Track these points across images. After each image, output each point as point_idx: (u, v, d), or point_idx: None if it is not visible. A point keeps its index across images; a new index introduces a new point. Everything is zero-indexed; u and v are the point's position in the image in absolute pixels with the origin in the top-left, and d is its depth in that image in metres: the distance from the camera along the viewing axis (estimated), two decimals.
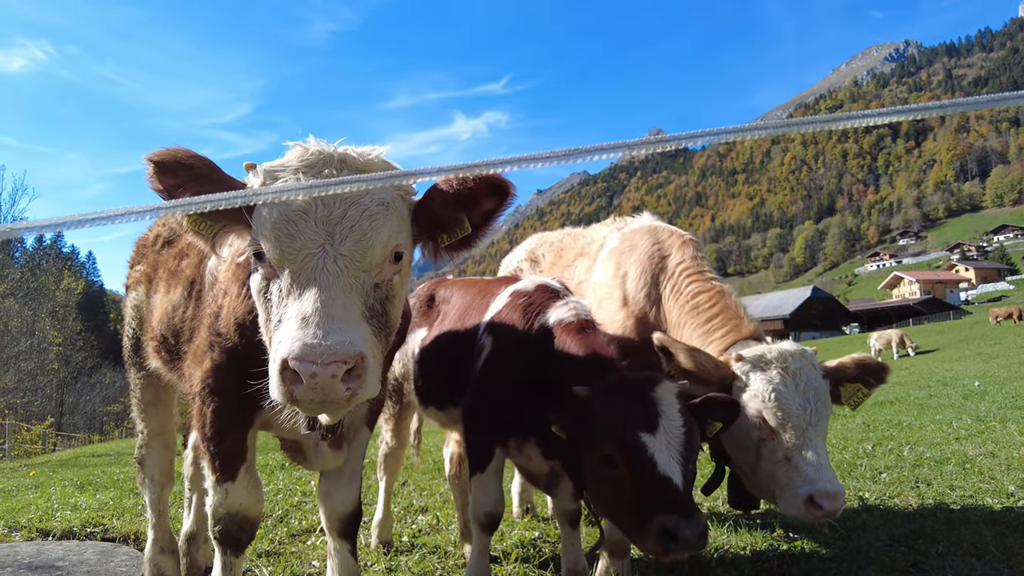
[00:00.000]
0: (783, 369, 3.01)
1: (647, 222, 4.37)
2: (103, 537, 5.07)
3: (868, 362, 3.21)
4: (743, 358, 3.11)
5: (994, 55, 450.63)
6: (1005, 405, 10.58)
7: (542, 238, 5.70)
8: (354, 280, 2.01)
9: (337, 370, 1.78)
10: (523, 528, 4.92)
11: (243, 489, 2.77)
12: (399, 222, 2.17)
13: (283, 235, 2.00)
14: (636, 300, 3.86)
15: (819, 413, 2.98)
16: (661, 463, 2.45)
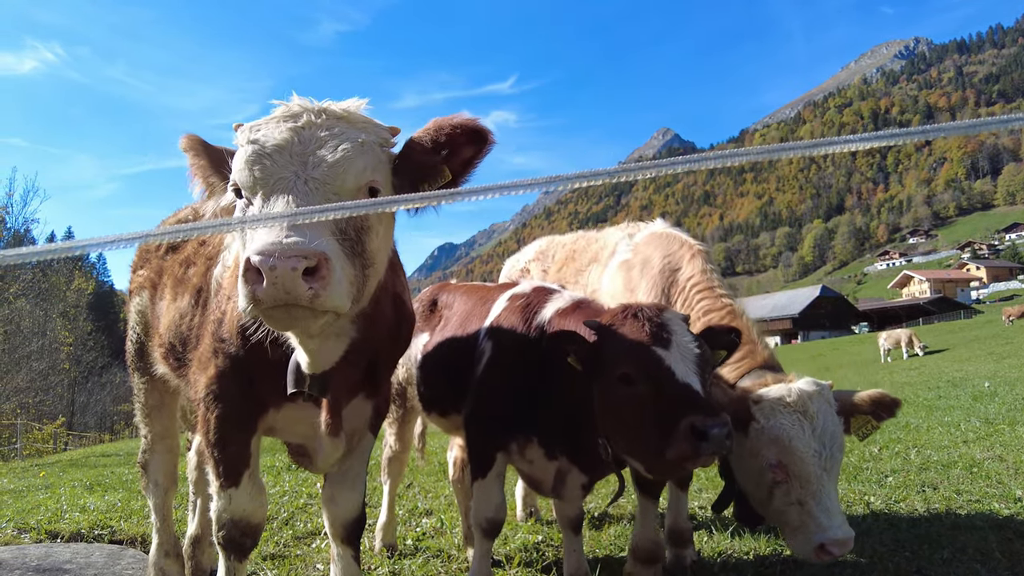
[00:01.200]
0: (802, 414, 2.98)
1: (659, 229, 4.30)
2: (110, 539, 5.11)
3: (882, 399, 3.19)
4: (762, 400, 3.06)
5: (1006, 51, 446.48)
6: (1015, 407, 10.48)
7: (552, 240, 5.61)
8: (323, 199, 2.04)
9: (297, 263, 1.79)
10: (526, 532, 4.92)
11: (246, 495, 2.79)
12: (374, 160, 2.21)
13: (257, 165, 2.08)
14: None
15: (834, 458, 2.98)
16: (680, 372, 2.53)
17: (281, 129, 2.14)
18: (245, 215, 2.13)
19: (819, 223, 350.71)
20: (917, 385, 17.67)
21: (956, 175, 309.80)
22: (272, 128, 2.15)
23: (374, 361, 2.85)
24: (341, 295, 1.95)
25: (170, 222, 3.95)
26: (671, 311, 2.81)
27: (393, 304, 3.00)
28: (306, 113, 2.19)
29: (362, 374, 2.84)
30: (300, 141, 2.11)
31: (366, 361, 2.77)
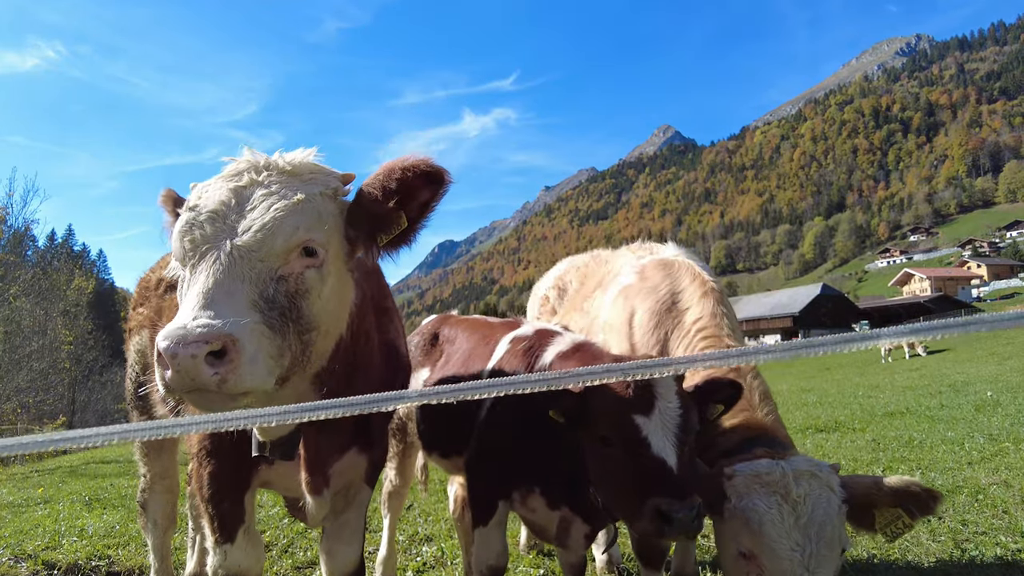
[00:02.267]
0: (782, 496, 2.47)
1: (670, 255, 3.87)
2: (107, 572, 5.07)
3: (913, 488, 2.56)
4: (736, 475, 2.61)
5: (1008, 48, 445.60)
6: (1019, 421, 10.42)
7: (571, 262, 5.33)
8: (247, 269, 1.94)
9: (197, 350, 1.70)
10: (528, 565, 4.88)
11: (241, 551, 2.74)
12: (311, 217, 2.09)
13: (187, 236, 2.01)
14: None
15: (822, 556, 2.43)
16: (656, 444, 2.46)
17: (221, 191, 2.07)
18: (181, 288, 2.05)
19: (820, 220, 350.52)
20: (919, 389, 17.62)
21: (957, 172, 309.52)
22: (213, 191, 2.08)
23: (364, 415, 2.80)
24: (256, 375, 1.84)
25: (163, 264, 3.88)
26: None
27: (385, 354, 2.95)
28: (249, 171, 2.12)
29: (351, 429, 2.80)
30: (237, 203, 2.04)
31: (353, 417, 2.72)
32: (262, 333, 1.89)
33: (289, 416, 1.34)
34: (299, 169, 2.17)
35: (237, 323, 1.80)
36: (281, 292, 1.99)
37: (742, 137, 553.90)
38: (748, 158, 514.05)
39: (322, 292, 2.12)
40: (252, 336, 1.83)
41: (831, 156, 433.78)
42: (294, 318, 2.01)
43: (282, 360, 1.97)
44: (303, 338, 2.06)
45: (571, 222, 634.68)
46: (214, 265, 1.92)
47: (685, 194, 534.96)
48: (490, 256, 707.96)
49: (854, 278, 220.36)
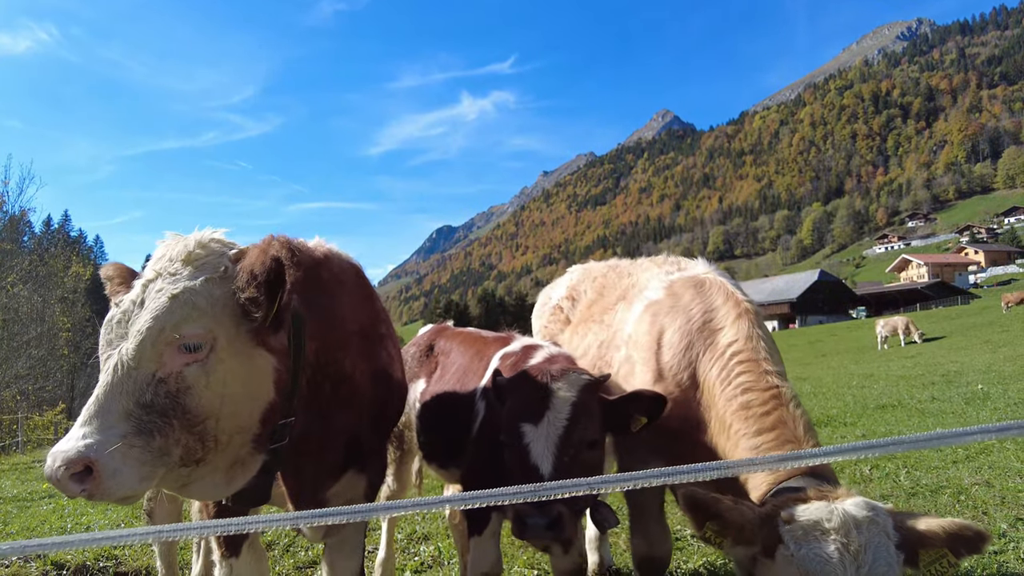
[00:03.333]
0: (843, 545, 2.36)
1: (701, 272, 3.65)
2: (115, 572, 5.23)
3: (963, 532, 2.44)
4: (795, 520, 2.47)
5: (1009, 33, 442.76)
6: (1007, 415, 10.62)
7: (585, 271, 5.11)
8: (127, 380, 2.08)
9: (61, 474, 1.92)
10: (523, 566, 5.04)
11: (246, 565, 2.90)
12: (187, 312, 2.16)
13: (103, 338, 2.20)
14: (676, 378, 3.23)
15: None
16: (534, 454, 2.68)
17: (136, 287, 2.25)
18: None
19: (818, 206, 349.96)
20: (912, 379, 17.82)
21: (956, 158, 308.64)
22: (136, 283, 2.27)
23: (355, 441, 2.93)
24: (122, 484, 1.99)
25: None
26: (573, 376, 2.89)
27: (376, 380, 3.06)
28: (160, 261, 2.27)
29: (343, 453, 2.94)
30: (141, 302, 2.18)
31: (341, 445, 2.86)
32: (130, 444, 2.02)
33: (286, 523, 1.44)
34: (193, 255, 2.28)
35: (100, 444, 1.98)
36: (161, 394, 2.10)
37: (741, 122, 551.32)
38: (747, 143, 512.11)
39: (209, 383, 2.18)
40: (113, 454, 1.98)
41: (830, 141, 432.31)
42: (179, 416, 2.12)
43: (166, 458, 2.11)
44: (194, 429, 2.16)
45: (569, 207, 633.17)
46: (104, 376, 2.11)
47: (683, 179, 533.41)
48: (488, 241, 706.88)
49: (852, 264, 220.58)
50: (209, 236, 2.35)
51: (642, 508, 3.45)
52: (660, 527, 3.45)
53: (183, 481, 2.23)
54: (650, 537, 3.42)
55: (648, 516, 3.44)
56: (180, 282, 2.18)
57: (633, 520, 3.50)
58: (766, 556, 2.47)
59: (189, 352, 2.14)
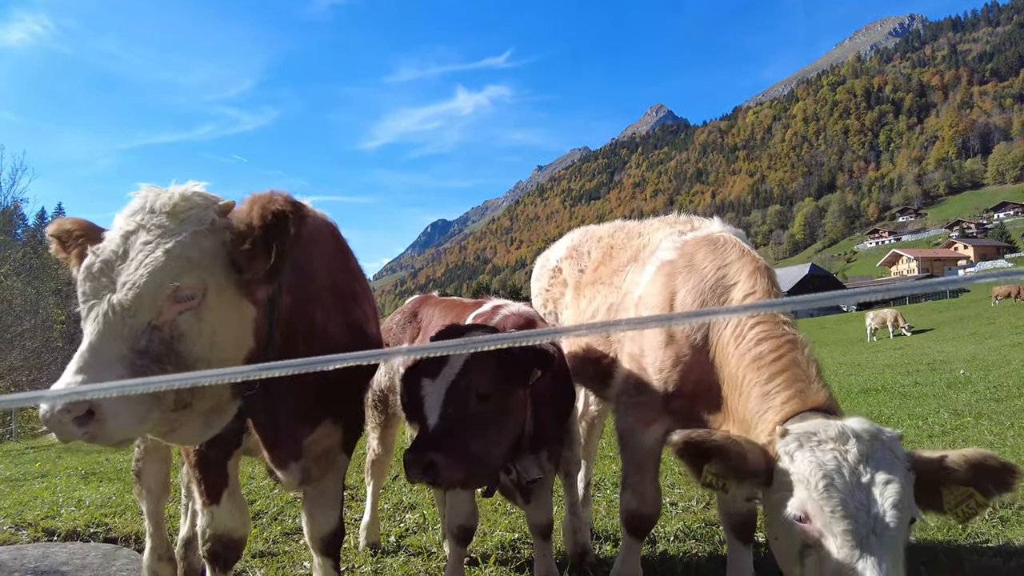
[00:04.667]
0: (841, 453, 2.22)
1: (716, 231, 3.51)
2: (105, 538, 5.33)
3: (987, 462, 2.24)
4: (788, 433, 2.36)
5: (1000, 29, 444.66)
6: (985, 396, 10.82)
7: (587, 232, 4.94)
8: (121, 326, 2.13)
9: (63, 417, 1.96)
10: (504, 529, 5.17)
11: (227, 512, 3.00)
12: (183, 263, 2.22)
13: (83, 287, 2.21)
14: (689, 339, 3.13)
15: (889, 518, 2.10)
16: (427, 405, 2.90)
17: (115, 238, 2.25)
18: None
19: (810, 201, 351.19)
20: (897, 368, 18.03)
21: (947, 154, 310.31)
22: (112, 235, 2.28)
23: (329, 392, 3.03)
24: (122, 427, 2.08)
25: None
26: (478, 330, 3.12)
27: (351, 335, 3.16)
28: (140, 212, 2.29)
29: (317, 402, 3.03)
30: (124, 251, 2.22)
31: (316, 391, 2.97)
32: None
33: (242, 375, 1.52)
34: (178, 208, 2.31)
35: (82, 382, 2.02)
36: (155, 341, 2.17)
37: (734, 117, 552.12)
38: (740, 138, 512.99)
39: (201, 330, 2.27)
40: (113, 397, 2.04)
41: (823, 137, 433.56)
42: (173, 361, 2.19)
43: (161, 402, 2.20)
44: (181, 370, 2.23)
45: (563, 202, 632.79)
46: (95, 324, 2.13)
47: (677, 174, 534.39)
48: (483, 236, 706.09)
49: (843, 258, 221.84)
50: (192, 190, 2.40)
51: (638, 465, 3.46)
52: (653, 486, 3.47)
53: (170, 426, 2.32)
54: (642, 495, 3.44)
55: (642, 474, 3.44)
56: (170, 236, 2.23)
57: (627, 476, 3.51)
58: (767, 485, 2.38)
59: (183, 301, 2.23)
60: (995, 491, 2.22)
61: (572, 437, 4.25)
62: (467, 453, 2.87)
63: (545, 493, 3.76)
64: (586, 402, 5.27)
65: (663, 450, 3.46)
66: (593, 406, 5.27)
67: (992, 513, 4.89)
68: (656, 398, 3.22)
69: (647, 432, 3.34)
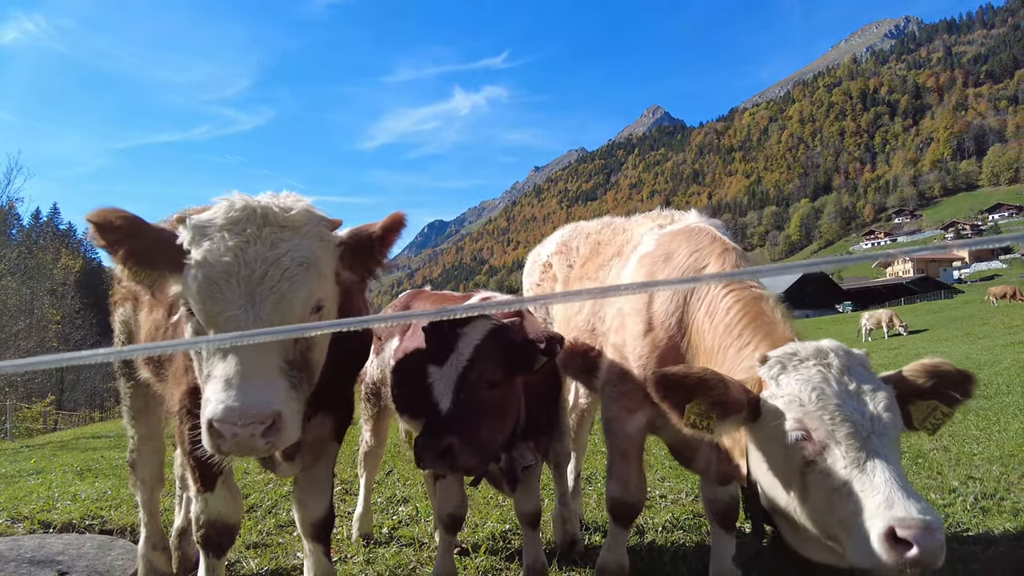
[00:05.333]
0: (824, 366, 2.28)
1: (692, 222, 3.63)
2: (101, 529, 5.37)
3: (943, 369, 2.36)
4: (768, 358, 2.39)
5: (995, 32, 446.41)
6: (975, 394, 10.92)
7: (576, 228, 5.07)
8: (273, 341, 2.18)
9: (255, 430, 2.05)
10: (495, 521, 5.23)
11: (221, 499, 3.07)
12: (319, 279, 2.34)
13: (207, 297, 2.20)
14: (665, 327, 3.20)
15: (884, 419, 2.17)
16: (436, 392, 2.93)
17: (226, 248, 2.22)
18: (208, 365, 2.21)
19: (806, 202, 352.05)
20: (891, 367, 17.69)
21: (942, 155, 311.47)
22: (218, 243, 2.23)
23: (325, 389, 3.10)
24: (294, 433, 2.20)
25: None
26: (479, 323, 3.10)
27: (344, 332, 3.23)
28: (248, 223, 2.28)
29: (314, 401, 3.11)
30: (246, 263, 2.21)
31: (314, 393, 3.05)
32: (293, 398, 2.23)
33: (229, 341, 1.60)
34: (296, 221, 2.36)
35: (278, 398, 2.14)
36: (298, 353, 2.30)
37: (731, 118, 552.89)
38: (736, 139, 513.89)
39: (323, 342, 2.43)
40: (290, 406, 2.19)
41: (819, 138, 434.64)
42: (308, 370, 2.34)
43: (303, 407, 2.33)
44: (311, 380, 2.41)
45: (560, 203, 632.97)
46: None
47: (673, 175, 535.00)
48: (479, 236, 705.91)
49: None
50: (302, 203, 2.47)
51: (622, 454, 3.53)
52: (638, 474, 3.53)
53: None
54: (626, 483, 3.50)
55: (627, 463, 3.51)
56: (301, 250, 2.30)
57: (612, 464, 3.58)
58: (755, 417, 2.39)
59: (316, 312, 2.35)
60: (958, 398, 2.36)
61: (562, 429, 4.32)
62: (479, 438, 2.96)
63: (533, 482, 3.82)
64: (576, 395, 5.35)
65: (647, 439, 3.57)
66: (583, 399, 5.35)
67: (974, 504, 4.99)
68: (638, 386, 3.30)
69: (631, 420, 3.41)
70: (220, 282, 2.19)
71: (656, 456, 7.08)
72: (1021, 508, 4.88)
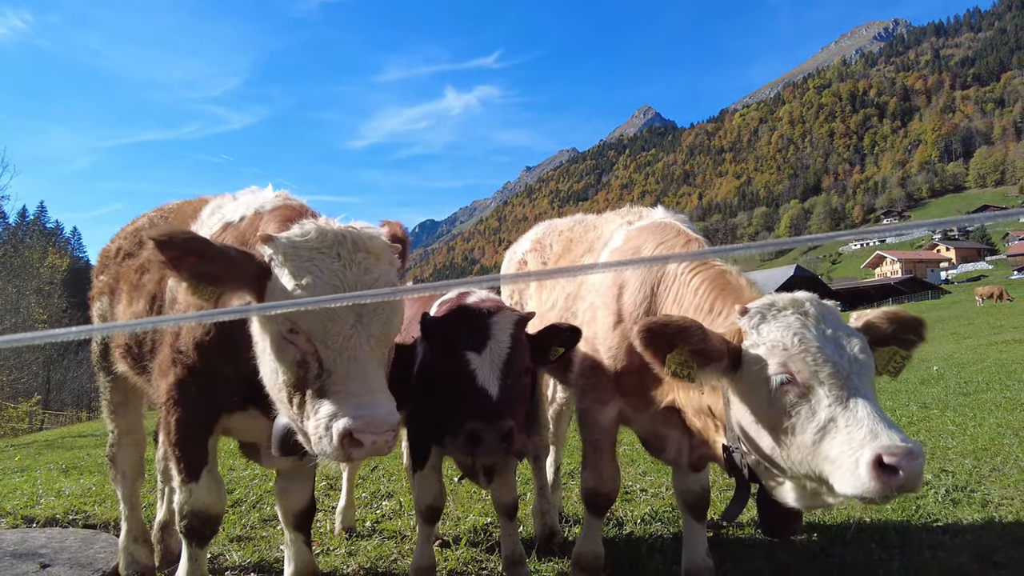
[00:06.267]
0: (801, 314, 2.42)
1: (658, 218, 3.74)
2: (84, 524, 5.40)
3: (901, 316, 2.54)
4: (748, 310, 2.53)
5: (982, 35, 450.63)
6: (954, 391, 11.09)
7: (551, 226, 5.20)
8: (380, 356, 2.42)
9: (391, 437, 2.23)
10: (477, 514, 5.30)
11: (205, 489, 3.10)
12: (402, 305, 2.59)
13: (326, 317, 2.31)
14: (633, 317, 3.27)
15: (860, 361, 2.32)
16: (481, 377, 2.93)
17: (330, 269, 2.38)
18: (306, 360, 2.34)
19: (796, 203, 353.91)
20: None
21: (930, 157, 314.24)
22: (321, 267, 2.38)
23: None
24: None
25: (128, 230, 4.16)
26: (506, 312, 3.17)
27: None
28: (342, 249, 2.43)
29: None
30: (349, 287, 2.38)
31: None
32: None
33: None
34: (379, 249, 2.52)
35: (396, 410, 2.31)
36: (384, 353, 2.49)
37: (721, 120, 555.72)
38: (727, 140, 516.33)
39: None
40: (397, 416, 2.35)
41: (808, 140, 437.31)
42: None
43: None
44: None
45: (552, 203, 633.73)
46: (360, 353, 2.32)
47: (664, 176, 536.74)
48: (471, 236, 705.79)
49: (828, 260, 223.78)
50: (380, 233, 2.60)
51: (595, 445, 3.59)
52: (611, 465, 3.60)
53: None
54: (599, 473, 3.57)
55: (599, 453, 3.58)
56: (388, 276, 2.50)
57: (586, 456, 3.65)
58: (736, 368, 2.49)
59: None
60: (914, 341, 2.52)
61: (540, 422, 4.39)
62: (520, 423, 3.03)
63: (509, 474, 3.89)
64: (554, 390, 5.42)
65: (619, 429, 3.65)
66: (560, 394, 5.42)
67: (945, 496, 5.11)
68: (609, 378, 3.38)
69: (603, 412, 3.49)
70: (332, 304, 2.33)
71: (638, 451, 7.16)
72: (990, 500, 5.01)
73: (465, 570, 4.30)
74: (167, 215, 4.00)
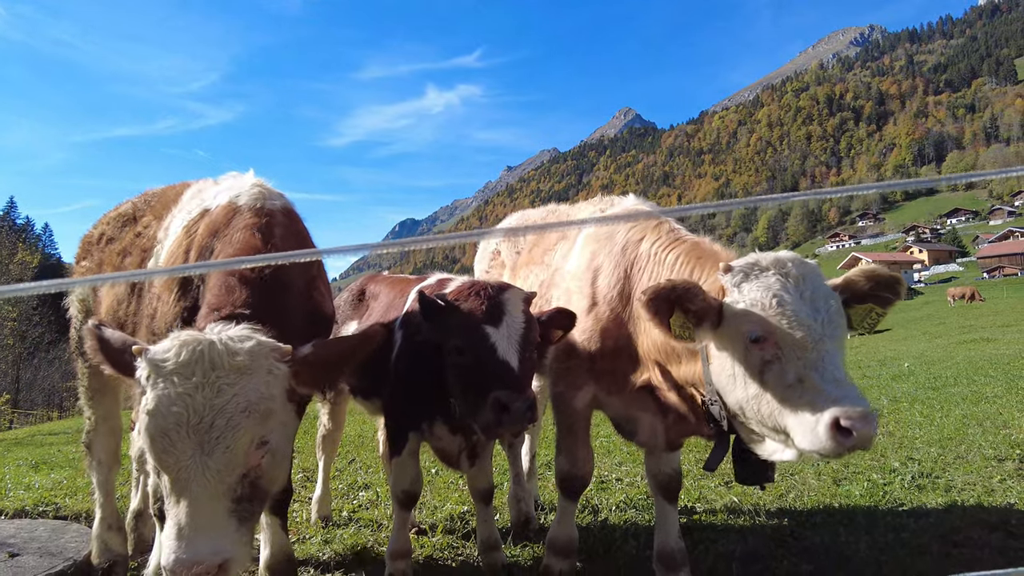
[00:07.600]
0: (782, 275, 2.50)
1: (630, 204, 3.86)
2: (55, 515, 5.33)
3: (879, 274, 2.63)
4: (732, 267, 2.61)
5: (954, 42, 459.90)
6: (924, 386, 11.34)
7: (523, 216, 5.32)
8: (221, 486, 2.23)
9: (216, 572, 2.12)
10: (454, 503, 5.33)
11: None
12: (263, 416, 2.34)
13: (160, 450, 2.23)
14: (608, 300, 3.37)
15: (834, 323, 2.44)
16: (501, 350, 2.97)
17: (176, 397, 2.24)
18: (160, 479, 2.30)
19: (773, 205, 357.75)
20: (850, 364, 18.30)
21: (904, 161, 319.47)
22: (170, 388, 2.25)
23: None
24: (242, 566, 2.27)
25: (111, 215, 4.16)
26: (515, 291, 3.20)
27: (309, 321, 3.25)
28: (198, 367, 2.28)
29: None
30: (195, 411, 2.23)
31: None
32: (242, 535, 2.28)
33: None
34: (243, 362, 2.35)
35: (226, 545, 2.18)
36: (246, 486, 2.31)
37: (700, 121, 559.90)
38: (706, 142, 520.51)
39: (275, 460, 2.44)
40: (238, 549, 2.23)
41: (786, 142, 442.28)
42: (259, 496, 2.37)
43: (254, 527, 2.38)
44: (265, 500, 2.45)
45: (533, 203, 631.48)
46: (193, 486, 2.18)
47: (644, 177, 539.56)
48: None
49: None
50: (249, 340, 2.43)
51: (569, 429, 3.65)
52: (584, 449, 3.66)
53: None
54: (573, 457, 3.63)
55: (574, 437, 3.64)
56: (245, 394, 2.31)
57: (560, 440, 3.70)
58: (717, 324, 2.59)
59: (263, 445, 2.36)
60: (890, 298, 2.63)
61: None
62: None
63: (485, 460, 3.92)
64: None
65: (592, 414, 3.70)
66: (535, 382, 5.45)
67: (911, 482, 5.23)
68: (583, 362, 3.42)
69: (577, 396, 3.53)
70: (171, 432, 2.21)
71: (615, 442, 7.23)
72: (954, 485, 5.15)
73: (442, 556, 4.33)
74: (150, 199, 4.01)
